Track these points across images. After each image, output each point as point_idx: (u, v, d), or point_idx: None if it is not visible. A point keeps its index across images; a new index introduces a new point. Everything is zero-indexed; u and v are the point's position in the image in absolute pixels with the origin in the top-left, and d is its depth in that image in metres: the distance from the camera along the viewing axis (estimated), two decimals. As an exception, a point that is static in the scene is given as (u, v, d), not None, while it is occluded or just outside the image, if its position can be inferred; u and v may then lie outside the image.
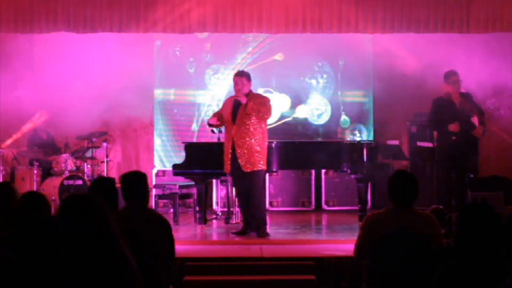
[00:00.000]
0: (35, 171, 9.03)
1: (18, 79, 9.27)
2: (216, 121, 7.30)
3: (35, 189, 8.65)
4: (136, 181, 4.36)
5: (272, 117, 7.57)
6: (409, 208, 4.14)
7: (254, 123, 7.08)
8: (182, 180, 8.35)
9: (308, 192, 9.66)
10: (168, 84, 10.02)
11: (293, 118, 9.92)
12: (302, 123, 9.97)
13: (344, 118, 10.00)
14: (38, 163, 9.08)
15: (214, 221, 8.47)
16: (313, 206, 9.62)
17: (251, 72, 7.57)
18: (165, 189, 8.42)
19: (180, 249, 5.38)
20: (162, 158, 9.95)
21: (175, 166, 7.82)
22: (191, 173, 7.70)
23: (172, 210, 8.43)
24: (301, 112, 9.95)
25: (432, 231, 4.08)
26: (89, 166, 9.31)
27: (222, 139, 7.99)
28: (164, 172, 9.64)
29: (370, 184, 8.42)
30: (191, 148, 7.86)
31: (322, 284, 5.85)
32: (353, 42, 9.55)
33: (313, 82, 10.01)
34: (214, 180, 8.89)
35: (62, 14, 8.08)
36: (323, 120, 10.02)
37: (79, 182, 8.87)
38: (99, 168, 9.47)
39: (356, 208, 8.27)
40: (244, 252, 6.37)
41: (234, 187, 7.64)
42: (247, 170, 7.05)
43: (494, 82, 8.57)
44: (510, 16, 8.16)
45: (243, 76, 7.20)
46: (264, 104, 7.10)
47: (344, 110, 9.98)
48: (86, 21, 8.09)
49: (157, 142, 10.02)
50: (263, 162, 7.14)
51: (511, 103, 9.37)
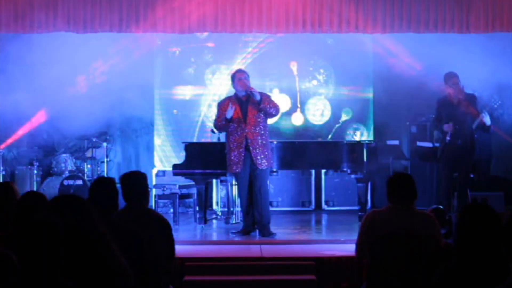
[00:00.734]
0: (35, 171, 9.04)
1: (17, 81, 9.26)
2: (226, 124, 7.15)
3: (35, 189, 8.66)
4: (136, 181, 4.36)
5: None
6: (409, 208, 4.15)
7: (264, 120, 7.13)
8: (182, 180, 8.35)
9: (308, 192, 9.65)
10: (168, 84, 10.02)
11: (290, 123, 9.91)
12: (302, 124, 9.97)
13: (345, 110, 9.96)
14: (38, 163, 9.09)
15: (214, 221, 8.47)
16: (313, 206, 9.62)
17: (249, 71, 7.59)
18: (165, 189, 8.42)
19: (180, 249, 5.37)
20: (162, 158, 9.94)
21: (175, 166, 7.83)
22: (191, 173, 7.71)
23: (172, 210, 8.43)
24: (296, 119, 9.88)
25: (432, 231, 4.08)
26: (89, 166, 9.32)
27: (222, 139, 8.00)
28: (164, 172, 9.64)
29: (370, 184, 8.42)
30: (191, 148, 7.87)
31: (322, 284, 5.85)
32: (353, 42, 9.55)
33: (314, 82, 10.00)
34: (214, 180, 8.88)
35: (62, 14, 8.07)
36: (323, 120, 10.02)
37: (79, 182, 8.88)
38: (99, 168, 9.48)
39: (356, 208, 8.28)
40: (244, 252, 6.38)
41: (239, 187, 7.31)
42: (262, 167, 7.06)
43: (497, 83, 8.55)
44: (510, 16, 8.15)
45: (245, 72, 7.28)
46: (270, 98, 7.17)
47: (345, 106, 9.96)
48: (86, 21, 8.08)
49: (157, 142, 10.01)
50: (272, 159, 7.27)
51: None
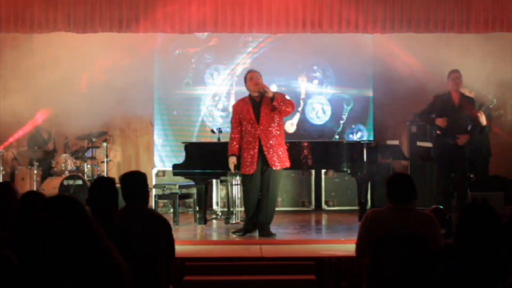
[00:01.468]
0: (35, 171, 9.04)
1: (17, 81, 9.26)
2: (237, 150, 7.15)
3: (35, 189, 8.66)
4: (136, 181, 4.36)
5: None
6: (409, 208, 4.15)
7: (279, 120, 7.07)
8: (182, 180, 8.35)
9: (308, 192, 9.65)
10: (168, 84, 10.01)
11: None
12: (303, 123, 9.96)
13: (345, 108, 9.95)
14: (38, 163, 9.09)
15: (214, 221, 8.47)
16: (313, 206, 9.62)
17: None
18: (165, 189, 8.42)
19: (180, 249, 5.38)
20: (162, 158, 9.94)
21: (175, 166, 7.82)
22: (191, 173, 7.70)
23: (172, 210, 8.43)
24: (289, 127, 9.64)
25: (432, 231, 4.08)
26: (89, 166, 9.32)
27: (223, 139, 8.00)
28: (164, 172, 9.64)
29: (370, 184, 8.41)
30: (191, 148, 7.86)
31: (322, 284, 5.84)
32: (353, 42, 9.54)
33: (314, 82, 10.00)
34: (214, 180, 8.88)
35: (62, 14, 8.07)
36: (323, 120, 10.01)
37: (79, 182, 8.88)
38: (99, 168, 9.48)
39: (356, 208, 8.28)
40: (244, 252, 6.37)
41: (248, 189, 7.13)
42: (276, 168, 7.03)
43: (498, 82, 8.55)
44: (510, 16, 8.15)
45: (257, 72, 7.22)
46: (284, 97, 7.13)
47: (345, 104, 9.96)
48: (86, 21, 8.08)
49: (157, 142, 10.01)
50: (287, 159, 7.15)
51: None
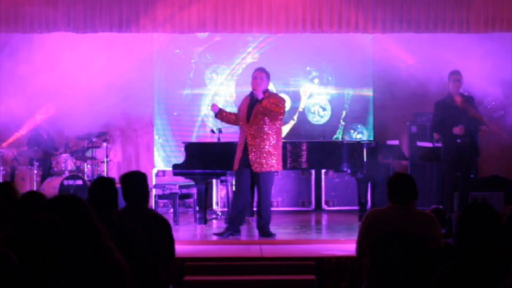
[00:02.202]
0: (35, 171, 9.04)
1: (16, 82, 9.25)
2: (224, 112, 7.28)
3: (35, 189, 8.65)
4: (136, 181, 4.36)
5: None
6: (409, 208, 4.15)
7: (268, 122, 6.99)
8: (182, 180, 8.35)
9: (308, 192, 9.65)
10: (168, 84, 10.02)
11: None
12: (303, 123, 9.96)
13: (345, 108, 9.95)
14: (38, 163, 9.09)
15: (214, 221, 8.47)
16: (313, 206, 9.62)
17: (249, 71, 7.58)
18: (165, 189, 8.42)
19: (180, 249, 5.38)
20: (162, 158, 9.94)
21: (175, 166, 7.82)
22: (191, 173, 7.70)
23: (172, 210, 8.43)
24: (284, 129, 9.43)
25: (432, 231, 4.08)
26: (89, 166, 9.31)
27: (222, 139, 8.01)
28: (164, 172, 9.64)
29: (370, 184, 8.41)
30: (191, 148, 7.86)
31: (322, 284, 5.85)
32: (353, 42, 9.54)
33: (315, 81, 10.00)
34: (214, 180, 8.88)
35: (62, 14, 8.07)
36: (323, 120, 10.02)
37: (79, 182, 8.88)
38: (99, 168, 9.48)
39: (356, 208, 8.28)
40: (244, 252, 6.37)
41: (235, 186, 7.40)
42: (256, 170, 6.97)
43: (500, 81, 8.54)
44: (510, 16, 8.15)
45: (263, 72, 7.13)
46: (277, 105, 7.00)
47: (346, 104, 9.96)
48: (86, 21, 8.08)
49: (157, 142, 10.02)
50: (275, 162, 7.03)
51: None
